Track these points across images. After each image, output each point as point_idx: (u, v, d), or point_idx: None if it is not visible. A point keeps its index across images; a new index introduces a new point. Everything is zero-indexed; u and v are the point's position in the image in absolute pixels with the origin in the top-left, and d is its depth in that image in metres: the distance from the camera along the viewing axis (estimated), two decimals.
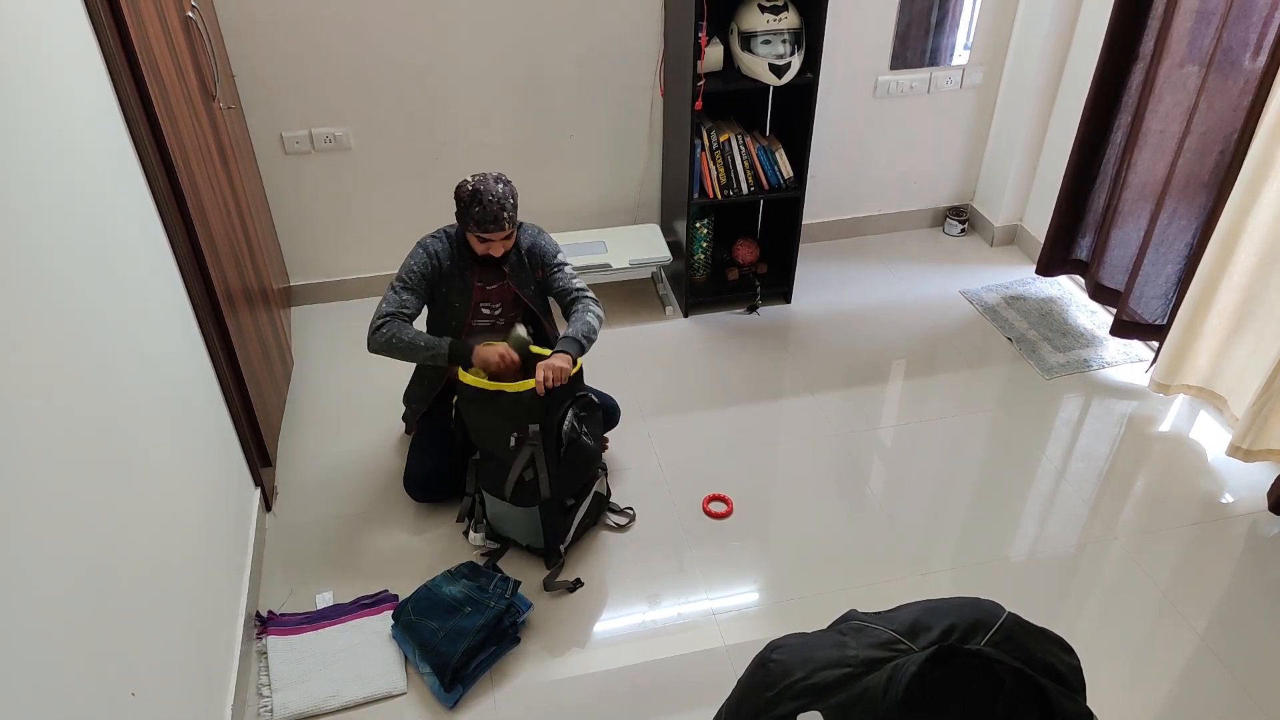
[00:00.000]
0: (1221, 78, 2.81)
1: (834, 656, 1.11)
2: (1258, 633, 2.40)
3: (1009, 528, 2.71)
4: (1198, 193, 2.98)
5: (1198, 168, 2.95)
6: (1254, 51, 2.72)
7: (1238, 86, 2.78)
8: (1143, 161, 3.14)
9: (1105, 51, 3.12)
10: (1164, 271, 3.14)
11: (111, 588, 1.59)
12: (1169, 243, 3.10)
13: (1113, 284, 3.39)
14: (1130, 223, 3.26)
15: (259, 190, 3.24)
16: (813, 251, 3.92)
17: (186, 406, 2.16)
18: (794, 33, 3.07)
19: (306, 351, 3.38)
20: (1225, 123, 2.83)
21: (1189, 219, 3.03)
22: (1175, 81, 2.97)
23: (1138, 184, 3.18)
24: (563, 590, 2.51)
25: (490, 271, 2.61)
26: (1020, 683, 1.02)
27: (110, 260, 1.82)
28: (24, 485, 1.35)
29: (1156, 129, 3.06)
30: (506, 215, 2.44)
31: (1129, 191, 3.21)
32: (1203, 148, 2.91)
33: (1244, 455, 2.77)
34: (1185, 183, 2.99)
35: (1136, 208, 3.22)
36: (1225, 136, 2.84)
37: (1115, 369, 3.29)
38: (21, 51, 1.57)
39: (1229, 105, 2.81)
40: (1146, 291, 3.20)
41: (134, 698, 1.61)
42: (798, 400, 3.17)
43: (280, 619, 2.40)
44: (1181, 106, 2.97)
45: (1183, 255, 3.08)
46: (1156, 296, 3.19)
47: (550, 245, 2.65)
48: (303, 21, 3.03)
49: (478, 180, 2.43)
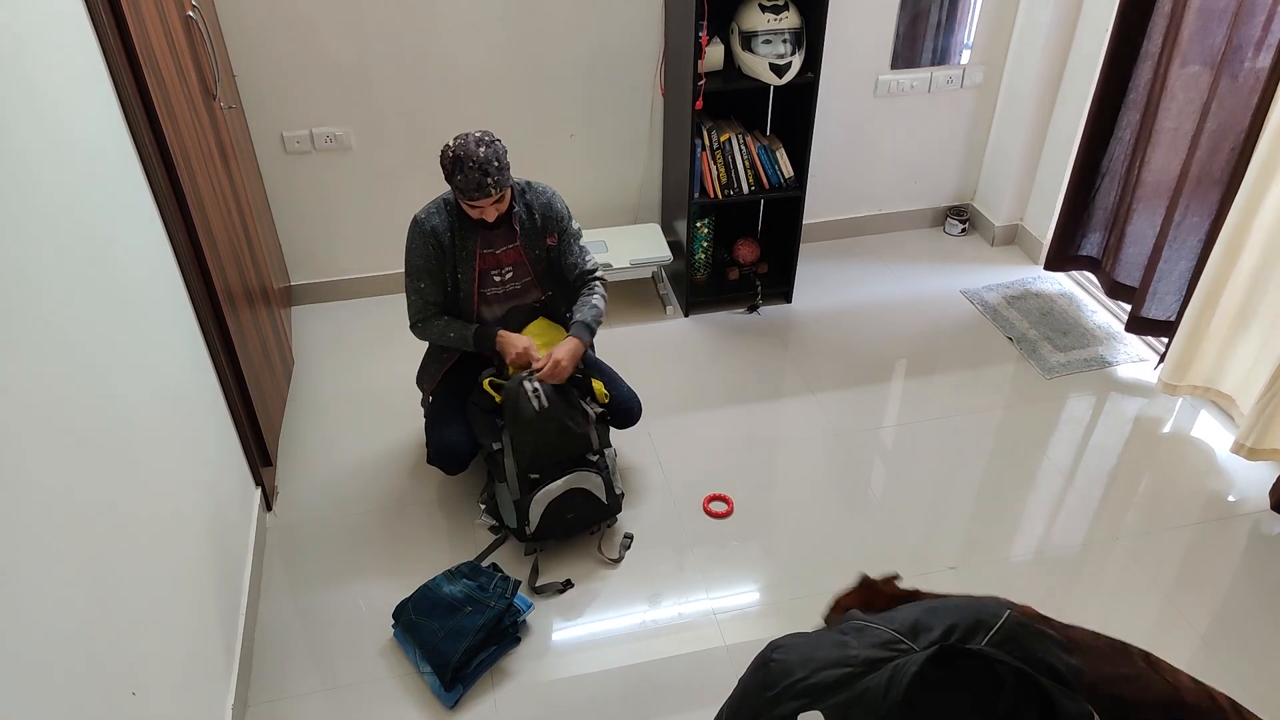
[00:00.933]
0: (1231, 75, 2.81)
1: (835, 656, 1.10)
2: (1259, 632, 2.40)
3: (1010, 528, 2.70)
4: (1210, 189, 2.98)
5: (1209, 165, 2.95)
6: (1258, 51, 2.72)
7: (1248, 84, 2.78)
8: (1155, 158, 3.14)
9: (1112, 48, 3.12)
10: (1178, 267, 3.15)
11: (111, 587, 1.59)
12: (1182, 239, 3.10)
13: (1129, 280, 3.39)
14: (1145, 219, 3.26)
15: (259, 190, 3.24)
16: (813, 251, 3.92)
17: (187, 406, 2.16)
18: (794, 32, 3.06)
19: (307, 351, 3.38)
20: (1236, 120, 2.84)
21: (1202, 215, 3.03)
22: (1186, 79, 2.96)
23: (1151, 181, 3.18)
24: (553, 592, 2.50)
25: (498, 235, 2.51)
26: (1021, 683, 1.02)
27: (111, 259, 1.82)
28: (24, 484, 1.35)
29: (1169, 126, 3.06)
30: (491, 180, 2.30)
31: (1142, 189, 3.21)
32: (1214, 145, 2.92)
33: (1248, 454, 2.77)
34: (1198, 179, 2.99)
35: (1151, 204, 3.22)
36: (1236, 134, 2.85)
37: (1116, 368, 3.29)
38: (22, 51, 1.56)
39: (1240, 102, 2.81)
40: (1160, 288, 3.20)
41: (134, 697, 1.61)
42: (798, 400, 3.17)
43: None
44: (1194, 104, 2.97)
45: (1195, 252, 3.08)
46: (1170, 293, 3.19)
47: (564, 209, 2.59)
48: (303, 21, 3.03)
49: (458, 145, 2.30)
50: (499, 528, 2.64)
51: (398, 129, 3.32)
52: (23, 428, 1.37)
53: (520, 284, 2.62)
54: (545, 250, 2.60)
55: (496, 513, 2.64)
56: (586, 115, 3.47)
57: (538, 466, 2.48)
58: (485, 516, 2.67)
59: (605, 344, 3.37)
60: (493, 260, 2.54)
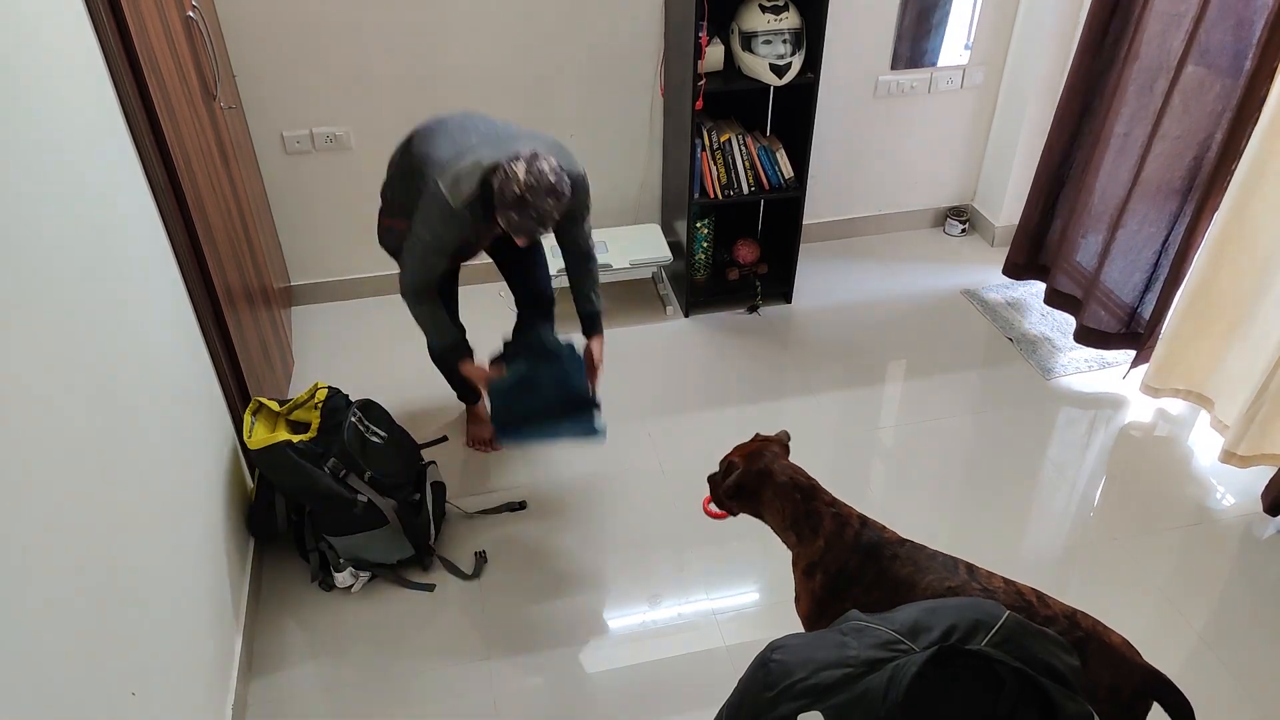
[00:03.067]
0: (1197, 83, 2.78)
1: (835, 657, 1.11)
2: (1254, 633, 2.40)
3: (1009, 528, 2.71)
4: (1169, 199, 2.95)
5: (1168, 174, 2.92)
6: (1237, 56, 2.68)
7: (1214, 91, 2.74)
8: (1107, 167, 3.12)
9: (1079, 55, 3.10)
10: (1131, 279, 3.14)
11: (111, 587, 1.59)
12: (1137, 250, 3.08)
13: (1072, 291, 3.39)
14: (1095, 229, 3.24)
15: (259, 190, 3.24)
16: (813, 251, 3.92)
17: (187, 405, 2.16)
18: (795, 33, 3.07)
19: (306, 351, 3.38)
20: (1200, 128, 2.80)
21: (1159, 226, 3.01)
22: (1143, 85, 2.94)
23: (1101, 189, 3.17)
24: (476, 570, 2.55)
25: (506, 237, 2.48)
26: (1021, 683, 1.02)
27: (111, 259, 1.82)
28: (24, 485, 1.35)
29: (1121, 133, 3.04)
30: (544, 230, 2.22)
31: (1093, 197, 3.19)
32: (1175, 153, 2.88)
33: (1239, 462, 2.76)
34: (1155, 189, 2.96)
35: (1100, 215, 3.21)
36: (1200, 142, 2.82)
37: (1116, 369, 3.29)
38: (23, 51, 1.57)
39: (1205, 110, 2.78)
40: (1110, 300, 3.18)
41: (134, 697, 1.61)
42: (798, 400, 3.17)
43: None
44: (1147, 110, 2.94)
45: (1150, 263, 3.07)
46: (1121, 305, 3.17)
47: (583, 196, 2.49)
48: (303, 21, 3.03)
49: (528, 184, 2.12)
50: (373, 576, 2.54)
51: (398, 129, 3.32)
52: (22, 428, 1.37)
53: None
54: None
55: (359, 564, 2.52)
56: (586, 115, 3.47)
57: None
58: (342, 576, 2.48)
59: (606, 343, 3.35)
60: (489, 250, 2.67)
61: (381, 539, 2.48)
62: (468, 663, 2.34)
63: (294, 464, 2.32)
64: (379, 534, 2.46)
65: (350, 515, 2.41)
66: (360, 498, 2.40)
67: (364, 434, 2.47)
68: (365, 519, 2.43)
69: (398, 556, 2.53)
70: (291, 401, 2.47)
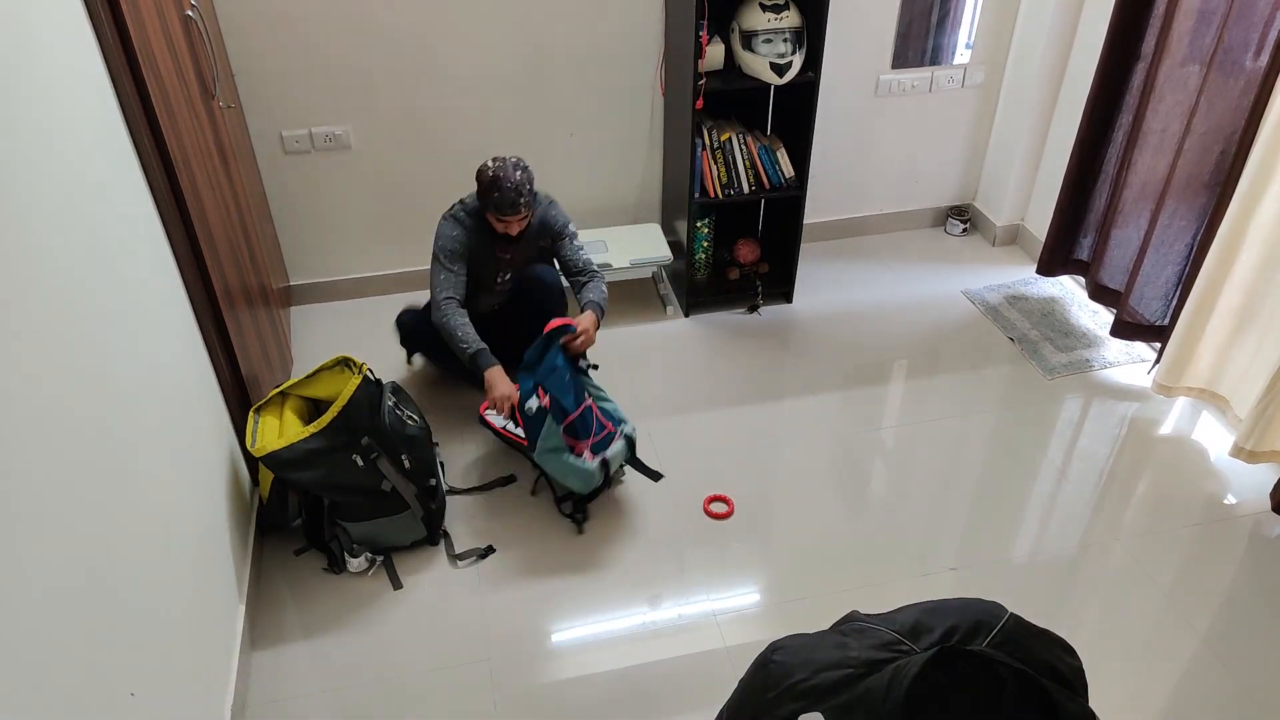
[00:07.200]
0: (1223, 77, 2.80)
1: (835, 658, 1.10)
2: (1260, 634, 2.39)
3: (1011, 528, 2.70)
4: (1198, 193, 2.97)
5: (1198, 168, 2.93)
6: (1255, 52, 2.71)
7: (1239, 86, 2.77)
8: (1142, 161, 3.13)
9: (1106, 51, 3.12)
10: (1164, 273, 3.14)
11: (111, 587, 1.59)
12: (1169, 243, 3.09)
13: (1113, 284, 3.39)
14: (1130, 223, 3.25)
15: (259, 190, 3.24)
16: (814, 251, 3.92)
17: (186, 405, 2.16)
18: (795, 32, 3.06)
19: (306, 351, 3.37)
20: (1226, 123, 2.82)
21: (1189, 219, 3.02)
22: (1176, 81, 2.96)
23: (1137, 184, 3.17)
24: (475, 558, 2.58)
25: (508, 243, 2.81)
26: (1022, 684, 1.02)
27: (109, 259, 1.81)
28: (23, 485, 1.35)
29: (1157, 128, 3.05)
30: (523, 201, 2.62)
31: (1129, 191, 3.20)
32: (1204, 148, 2.90)
33: (1248, 456, 2.77)
34: (1186, 183, 2.98)
35: (1137, 208, 3.22)
36: (1227, 136, 2.83)
37: (1117, 369, 3.28)
38: (21, 51, 1.56)
39: (1230, 105, 2.80)
40: (1147, 292, 3.19)
41: (134, 698, 1.60)
42: (799, 400, 3.16)
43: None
44: (1183, 106, 2.96)
45: (1183, 256, 3.08)
46: (1157, 297, 3.18)
47: (561, 216, 2.87)
48: (303, 20, 3.03)
49: (497, 166, 2.60)
50: (386, 559, 2.57)
51: (398, 128, 3.32)
52: (21, 428, 1.36)
53: (513, 283, 2.95)
54: (536, 253, 2.91)
55: (374, 548, 2.58)
56: (586, 115, 3.46)
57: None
58: (356, 561, 2.53)
59: (606, 344, 3.36)
60: (501, 264, 2.87)
61: (400, 523, 2.54)
62: (468, 663, 2.33)
63: (319, 458, 2.34)
64: (399, 519, 2.52)
65: (373, 502, 2.46)
66: (385, 485, 2.45)
67: (403, 419, 2.52)
68: (389, 504, 2.49)
69: (410, 539, 2.59)
70: (296, 379, 2.55)
